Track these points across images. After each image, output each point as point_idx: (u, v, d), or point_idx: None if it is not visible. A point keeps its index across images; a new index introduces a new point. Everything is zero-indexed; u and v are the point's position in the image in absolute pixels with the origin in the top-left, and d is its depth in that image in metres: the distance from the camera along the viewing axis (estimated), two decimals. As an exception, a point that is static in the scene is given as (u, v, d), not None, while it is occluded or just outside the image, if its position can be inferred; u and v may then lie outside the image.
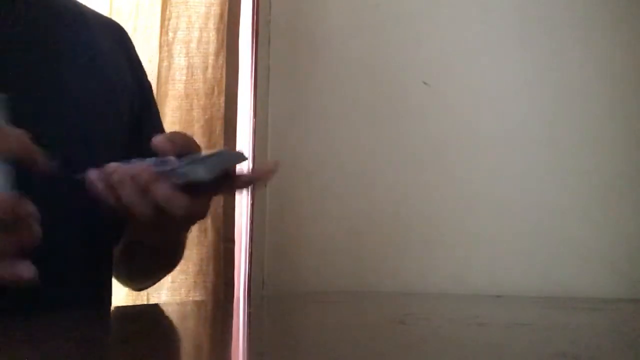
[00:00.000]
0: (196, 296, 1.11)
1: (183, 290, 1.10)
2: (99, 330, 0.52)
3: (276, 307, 0.84)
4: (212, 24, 1.16)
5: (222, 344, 0.50)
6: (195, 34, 1.16)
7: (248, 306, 0.88)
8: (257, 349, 0.46)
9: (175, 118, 1.14)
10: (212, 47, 1.16)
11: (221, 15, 1.17)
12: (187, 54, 1.15)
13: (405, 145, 1.16)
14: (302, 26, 1.26)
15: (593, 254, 1.05)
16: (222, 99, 1.16)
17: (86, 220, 0.67)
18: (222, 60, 1.16)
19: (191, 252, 1.09)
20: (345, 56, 1.22)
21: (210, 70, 1.15)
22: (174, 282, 1.10)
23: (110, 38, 0.75)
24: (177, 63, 1.15)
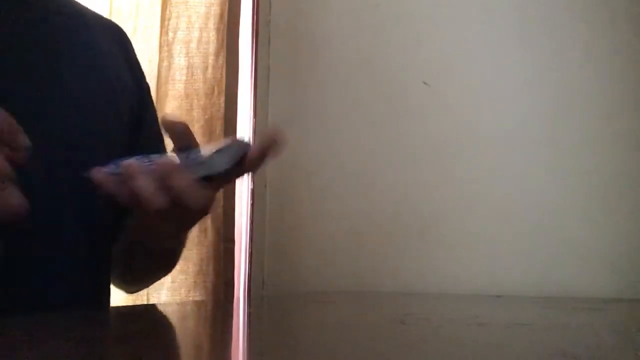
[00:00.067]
0: (196, 296, 1.11)
1: (183, 290, 1.11)
2: (99, 330, 0.52)
3: (276, 307, 0.84)
4: (212, 24, 1.16)
5: (222, 344, 0.50)
6: (195, 34, 1.16)
7: (248, 306, 0.88)
8: (257, 349, 0.46)
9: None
10: (212, 47, 1.16)
11: (221, 15, 1.17)
12: (187, 54, 1.15)
13: (405, 145, 1.16)
14: (302, 26, 1.26)
15: (593, 254, 1.05)
16: (222, 99, 1.16)
17: (86, 220, 0.67)
18: (222, 60, 1.16)
19: (191, 252, 1.09)
20: (345, 56, 1.22)
21: (210, 70, 1.15)
22: (174, 282, 1.10)
23: (109, 39, 0.76)
24: (177, 63, 1.15)
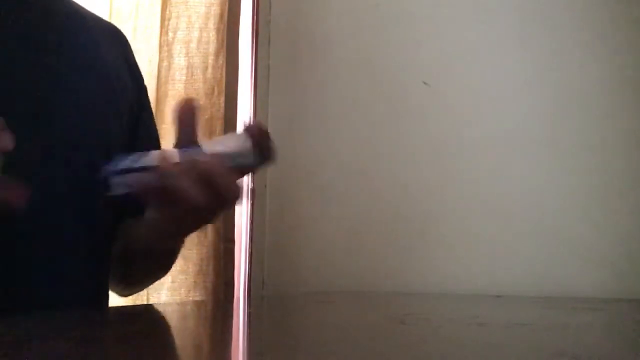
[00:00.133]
0: (196, 296, 1.11)
1: (183, 290, 1.10)
2: (99, 330, 0.52)
3: (276, 307, 0.84)
4: (212, 24, 1.16)
5: (222, 344, 0.50)
6: (195, 34, 1.16)
7: (248, 306, 0.88)
8: (257, 349, 0.46)
9: (175, 118, 1.14)
10: (212, 47, 1.16)
11: (221, 15, 1.17)
12: (187, 54, 1.15)
13: (405, 145, 1.16)
14: (302, 26, 1.26)
15: (593, 254, 1.05)
16: (222, 99, 1.16)
17: (86, 220, 0.67)
18: (222, 60, 1.16)
19: (191, 252, 1.09)
20: (345, 56, 1.22)
21: (210, 70, 1.15)
22: (174, 282, 1.10)
23: (109, 40, 0.76)
24: (177, 63, 1.15)
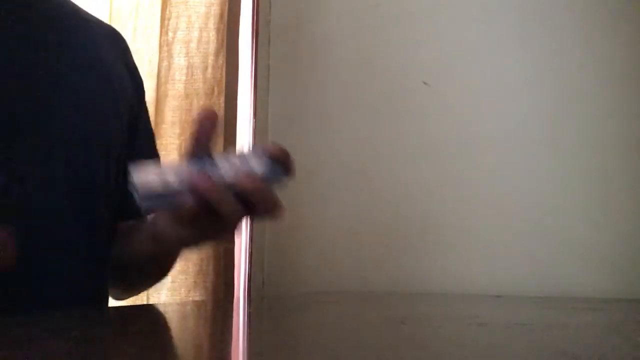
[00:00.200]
0: (196, 296, 1.11)
1: (183, 290, 1.10)
2: (99, 330, 0.52)
3: (276, 307, 0.84)
4: (212, 24, 1.16)
5: (222, 344, 0.50)
6: (195, 34, 1.16)
7: (248, 306, 0.88)
8: (257, 349, 0.46)
9: (176, 118, 1.15)
10: (212, 47, 1.16)
11: (221, 15, 1.17)
12: (187, 54, 1.16)
13: (405, 146, 1.16)
14: (302, 26, 1.26)
15: (593, 254, 1.05)
16: (222, 99, 1.16)
17: (86, 220, 0.67)
18: (222, 60, 1.16)
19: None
20: (345, 56, 1.22)
21: (210, 70, 1.15)
22: (174, 282, 1.10)
23: (109, 43, 0.77)
24: (177, 63, 1.15)
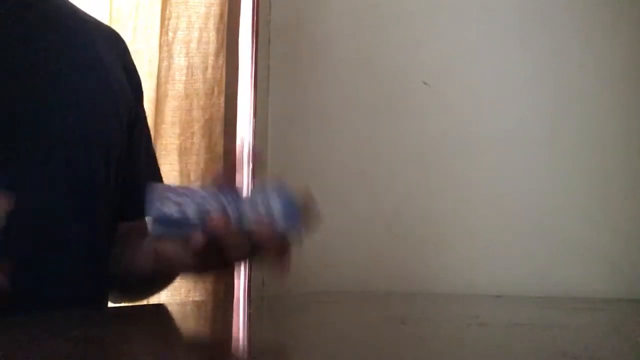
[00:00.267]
0: (196, 296, 1.11)
1: (183, 290, 1.10)
2: (99, 330, 0.52)
3: (276, 307, 0.84)
4: (212, 24, 1.16)
5: (222, 344, 0.50)
6: (195, 34, 1.16)
7: (248, 306, 0.88)
8: (257, 349, 0.46)
9: (176, 118, 1.15)
10: (212, 47, 1.16)
11: (221, 15, 1.17)
12: (187, 54, 1.15)
13: (405, 146, 1.16)
14: (302, 26, 1.26)
15: (593, 254, 1.05)
16: (222, 99, 1.16)
17: (86, 220, 0.67)
18: (222, 60, 1.16)
19: (191, 252, 1.09)
20: (345, 56, 1.22)
21: (210, 70, 1.15)
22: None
23: (108, 44, 0.77)
24: (177, 63, 1.15)
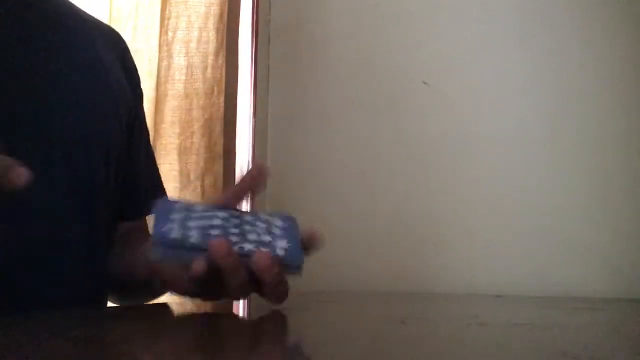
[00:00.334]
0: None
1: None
2: (99, 330, 0.52)
3: (276, 307, 0.84)
4: (212, 24, 1.16)
5: (222, 344, 0.50)
6: (195, 34, 1.16)
7: (248, 306, 0.88)
8: (257, 349, 0.46)
9: (175, 118, 1.15)
10: (212, 47, 1.16)
11: (221, 15, 1.17)
12: (187, 54, 1.16)
13: (405, 146, 1.16)
14: (302, 26, 1.26)
15: (593, 254, 1.05)
16: (222, 99, 1.16)
17: (86, 220, 0.67)
18: (222, 60, 1.16)
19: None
20: (345, 56, 1.22)
21: (210, 70, 1.15)
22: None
23: (108, 44, 0.77)
24: (177, 63, 1.15)
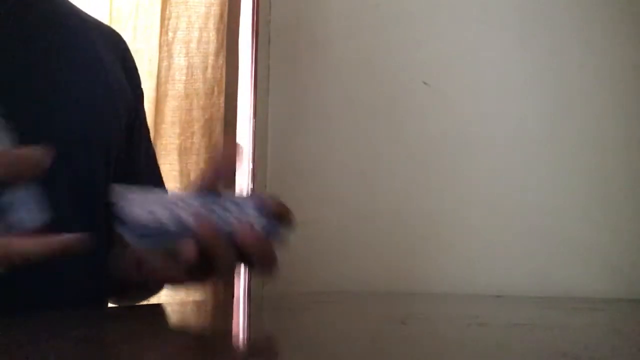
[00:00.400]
0: (196, 296, 1.10)
1: (183, 290, 1.10)
2: (99, 330, 0.52)
3: (276, 307, 0.84)
4: (212, 24, 1.16)
5: (222, 344, 0.50)
6: (195, 34, 1.16)
7: (248, 306, 0.88)
8: (257, 349, 0.46)
9: (175, 118, 1.15)
10: (212, 47, 1.16)
11: (221, 15, 1.17)
12: (187, 54, 1.16)
13: (405, 146, 1.16)
14: (302, 26, 1.26)
15: (593, 254, 1.05)
16: (222, 99, 1.16)
17: (86, 220, 0.67)
18: (222, 60, 1.16)
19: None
20: (345, 56, 1.22)
21: (210, 70, 1.15)
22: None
23: (108, 44, 0.77)
24: (177, 63, 1.15)
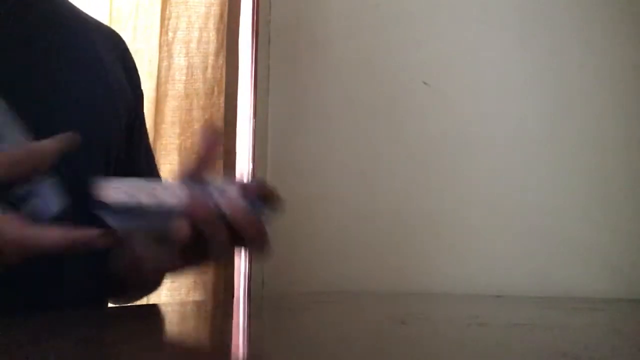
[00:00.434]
0: (196, 296, 1.11)
1: (183, 290, 1.11)
2: (99, 330, 0.52)
3: (276, 307, 0.84)
4: (212, 24, 1.16)
5: (222, 344, 0.50)
6: (195, 34, 1.16)
7: (248, 306, 0.88)
8: (257, 349, 0.46)
9: (175, 118, 1.15)
10: (212, 47, 1.16)
11: (221, 15, 1.17)
12: (187, 54, 1.16)
13: (405, 146, 1.16)
14: (302, 26, 1.26)
15: (593, 254, 1.05)
16: (222, 99, 1.16)
17: (85, 220, 0.67)
18: (222, 60, 1.16)
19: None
20: (345, 56, 1.22)
21: (210, 70, 1.15)
22: (174, 282, 1.10)
23: (108, 45, 0.77)
24: (177, 63, 1.15)
